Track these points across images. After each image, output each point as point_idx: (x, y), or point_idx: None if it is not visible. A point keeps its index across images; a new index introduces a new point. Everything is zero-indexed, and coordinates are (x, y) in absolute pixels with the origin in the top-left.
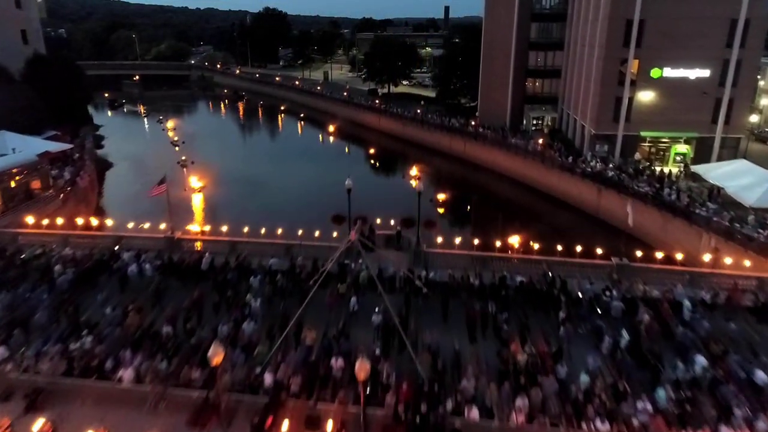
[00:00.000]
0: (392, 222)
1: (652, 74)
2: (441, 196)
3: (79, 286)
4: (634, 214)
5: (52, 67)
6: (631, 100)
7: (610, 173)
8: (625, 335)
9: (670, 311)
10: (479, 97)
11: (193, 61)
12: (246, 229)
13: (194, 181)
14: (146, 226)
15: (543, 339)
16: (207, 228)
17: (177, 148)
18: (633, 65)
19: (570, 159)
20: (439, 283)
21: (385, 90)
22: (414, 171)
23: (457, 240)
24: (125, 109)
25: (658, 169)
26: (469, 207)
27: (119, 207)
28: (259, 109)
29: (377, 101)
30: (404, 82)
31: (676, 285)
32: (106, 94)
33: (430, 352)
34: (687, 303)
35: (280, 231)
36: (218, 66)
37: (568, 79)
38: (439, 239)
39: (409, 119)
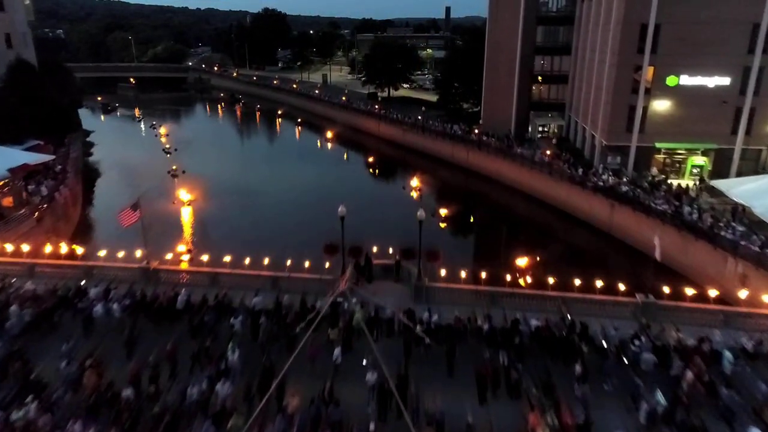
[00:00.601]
0: (390, 250)
1: (668, 82)
2: (443, 211)
3: (35, 330)
4: (662, 247)
5: (36, 72)
6: (645, 109)
7: (624, 188)
8: (661, 398)
9: (706, 366)
10: (482, 103)
11: (190, 63)
12: (229, 259)
13: (183, 194)
14: (121, 254)
15: (567, 406)
16: (187, 257)
17: (169, 156)
18: (648, 73)
19: (580, 171)
20: (443, 327)
21: (385, 94)
22: (415, 182)
23: (463, 273)
24: (118, 113)
25: (675, 183)
26: (472, 219)
27: (102, 223)
28: (257, 114)
29: (376, 106)
30: (404, 86)
31: (712, 331)
32: (99, 98)
33: (434, 424)
34: (728, 354)
35: (266, 261)
36: (215, 68)
37: (576, 86)
38: (443, 271)
39: (410, 125)
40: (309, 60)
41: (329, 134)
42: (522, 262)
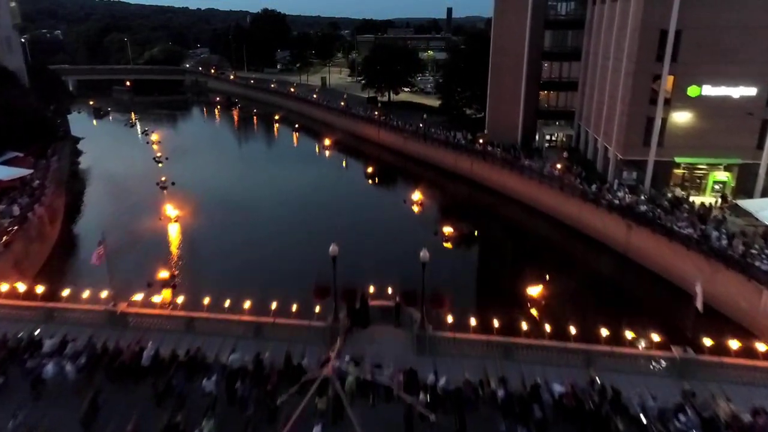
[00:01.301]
0: (390, 290)
1: (689, 92)
2: (447, 229)
3: None
4: (704, 296)
5: (16, 79)
6: (664, 121)
7: (643, 207)
8: None
9: None
10: (487, 111)
11: (188, 65)
12: (207, 300)
13: (170, 209)
14: (86, 293)
15: None
16: (159, 297)
17: (160, 165)
18: (667, 82)
19: (593, 187)
20: (451, 392)
21: (385, 98)
22: (416, 195)
23: (472, 320)
24: (111, 118)
25: (695, 200)
26: (478, 234)
27: (81, 244)
28: (254, 118)
29: (376, 113)
30: (405, 89)
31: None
32: (91, 102)
33: None
34: None
35: (248, 304)
36: (212, 71)
37: (587, 94)
38: (449, 317)
39: (410, 133)
40: (308, 62)
41: (327, 142)
42: (535, 291)
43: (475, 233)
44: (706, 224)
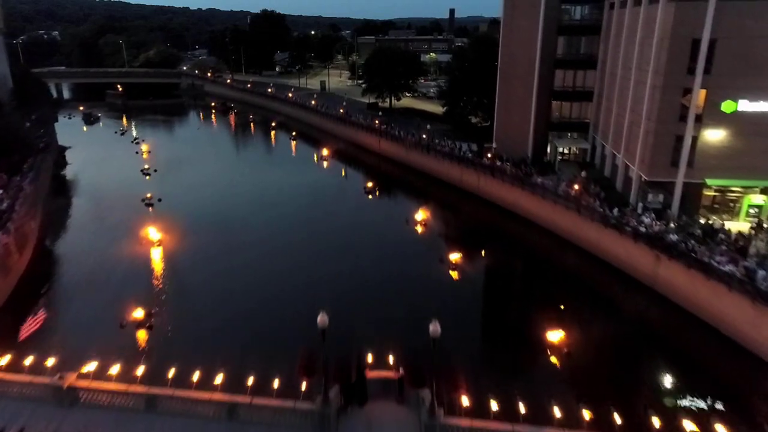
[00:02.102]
0: (391, 359)
1: (723, 108)
2: (455, 256)
3: None
4: (748, 344)
5: None
6: (694, 140)
7: (672, 236)
8: None
9: None
10: (495, 122)
11: (185, 68)
12: (172, 373)
13: (152, 232)
14: (29, 360)
15: None
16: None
17: (148, 177)
18: (699, 97)
19: (616, 211)
20: None
21: (387, 104)
22: (419, 214)
23: (494, 404)
24: (101, 124)
25: (728, 225)
26: (487, 256)
27: (53, 278)
28: (251, 124)
29: (376, 121)
30: (407, 94)
31: None
32: (81, 108)
33: None
34: None
35: (220, 378)
36: (209, 74)
37: (604, 106)
38: (465, 399)
39: (413, 144)
40: (307, 64)
41: (325, 152)
42: (556, 336)
43: (482, 253)
44: (747, 257)
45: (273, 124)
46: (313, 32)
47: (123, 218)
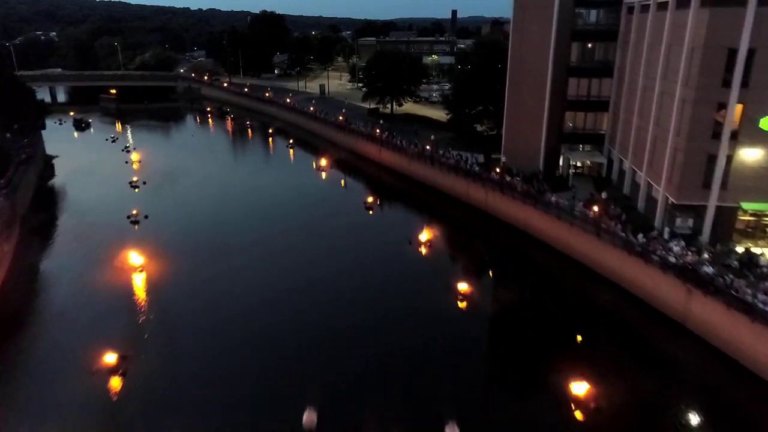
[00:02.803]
0: None
1: (761, 125)
2: (463, 286)
3: None
4: None
5: None
6: (729, 159)
7: (706, 268)
8: None
9: None
10: (504, 133)
11: (182, 70)
12: None
13: (134, 256)
14: None
15: None
16: None
17: (137, 190)
18: (735, 112)
19: (641, 237)
20: None
21: (388, 109)
22: (423, 235)
23: None
24: (92, 130)
25: (765, 252)
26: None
27: (25, 306)
28: (249, 130)
29: (377, 130)
30: (408, 99)
31: None
32: (72, 113)
33: None
34: None
35: None
36: (205, 77)
37: (622, 117)
38: None
39: (416, 155)
40: (307, 68)
41: (323, 161)
42: (581, 389)
43: (492, 279)
44: None
45: (270, 130)
46: (313, 32)
47: (106, 237)
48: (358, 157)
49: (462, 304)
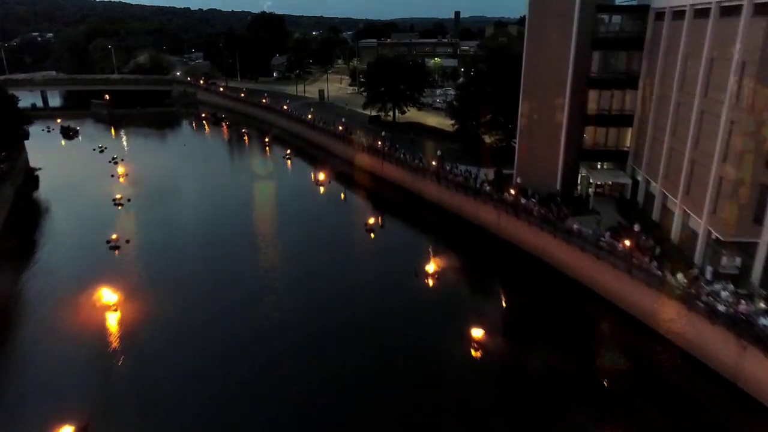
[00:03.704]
0: None
1: None
2: (478, 333)
3: None
4: None
5: None
6: None
7: (764, 320)
8: None
9: None
10: (517, 148)
11: (178, 73)
12: None
13: (107, 294)
14: None
15: None
16: None
17: (120, 208)
18: None
19: (681, 278)
20: None
21: (390, 117)
22: (431, 265)
23: None
24: (80, 138)
25: None
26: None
27: None
28: (245, 138)
29: (379, 142)
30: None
31: None
32: (59, 120)
33: None
34: None
35: None
36: (201, 82)
37: (649, 134)
38: None
39: (420, 171)
40: (306, 71)
41: (322, 176)
42: None
43: (510, 317)
44: None
45: (267, 139)
46: (314, 33)
47: (81, 268)
48: (358, 169)
49: (475, 353)
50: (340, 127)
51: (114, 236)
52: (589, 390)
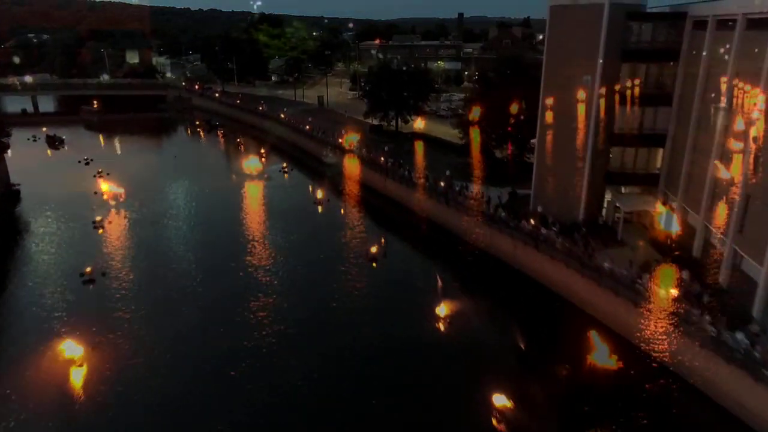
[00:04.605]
0: None
1: None
2: (501, 401)
3: None
4: None
5: None
6: None
7: None
8: None
9: None
10: (534, 172)
11: (174, 77)
12: None
13: (71, 346)
14: None
15: None
16: None
17: (100, 232)
18: None
19: (741, 337)
20: None
21: (393, 126)
22: (443, 308)
23: None
24: (66, 148)
25: None
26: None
27: None
28: (241, 147)
29: (382, 157)
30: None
31: None
32: (44, 129)
33: None
34: None
35: None
36: (196, 87)
37: (687, 158)
38: None
39: (426, 190)
40: (305, 74)
41: (320, 193)
42: None
43: (534, 372)
44: None
45: (262, 150)
46: (315, 33)
47: (47, 309)
48: (362, 186)
49: (498, 424)
50: (340, 140)
51: (88, 269)
52: None
